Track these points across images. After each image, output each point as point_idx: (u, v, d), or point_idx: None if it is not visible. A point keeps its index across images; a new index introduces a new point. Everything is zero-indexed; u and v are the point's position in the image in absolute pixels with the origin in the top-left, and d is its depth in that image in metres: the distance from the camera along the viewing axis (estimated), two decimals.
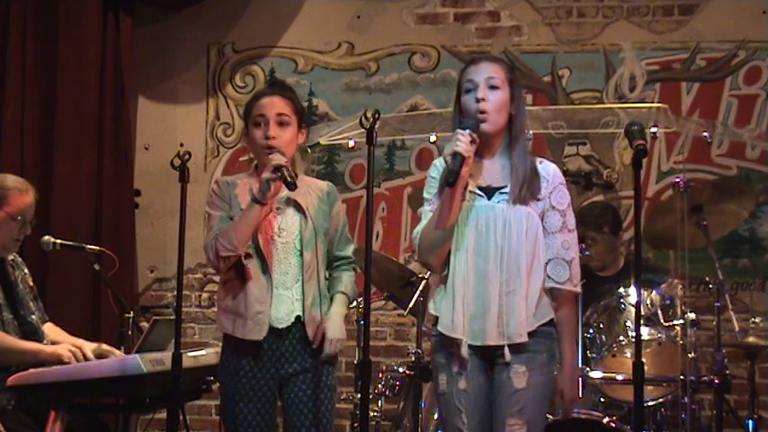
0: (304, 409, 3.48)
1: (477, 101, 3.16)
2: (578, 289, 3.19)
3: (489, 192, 3.18)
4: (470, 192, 3.18)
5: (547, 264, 3.15)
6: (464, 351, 3.14)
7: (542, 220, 3.16)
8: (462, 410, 3.14)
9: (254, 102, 3.58)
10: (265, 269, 3.46)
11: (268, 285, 3.45)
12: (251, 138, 3.56)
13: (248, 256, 3.45)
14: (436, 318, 3.21)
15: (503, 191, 3.16)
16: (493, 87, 3.18)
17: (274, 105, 3.53)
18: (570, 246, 3.16)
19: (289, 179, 3.39)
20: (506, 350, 3.11)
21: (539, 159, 3.23)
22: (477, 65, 3.24)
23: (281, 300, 3.47)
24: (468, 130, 3.11)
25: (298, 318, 3.48)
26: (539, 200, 3.15)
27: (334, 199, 3.69)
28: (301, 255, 3.50)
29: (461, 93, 3.23)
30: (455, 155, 3.07)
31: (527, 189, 3.14)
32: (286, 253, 3.49)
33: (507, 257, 3.11)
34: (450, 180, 3.07)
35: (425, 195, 3.27)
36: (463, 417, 3.14)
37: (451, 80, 5.70)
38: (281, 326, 3.46)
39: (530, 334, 3.12)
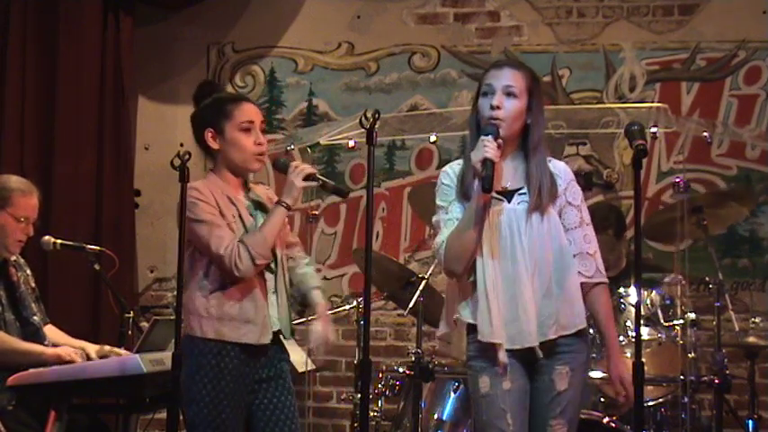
0: (281, 415, 3.48)
1: (492, 108, 3.16)
2: (605, 279, 3.22)
3: (508, 195, 3.19)
4: (491, 197, 3.19)
5: (574, 258, 3.18)
6: (502, 356, 3.13)
7: (562, 217, 3.19)
8: (507, 411, 3.13)
9: (235, 105, 3.52)
10: (267, 272, 3.46)
11: (267, 289, 3.47)
12: (235, 142, 3.48)
13: None
14: (471, 325, 3.20)
15: (521, 192, 3.18)
16: (510, 95, 3.17)
17: (257, 113, 3.55)
18: (592, 239, 3.21)
19: (341, 188, 3.47)
20: (537, 349, 3.12)
21: (548, 158, 3.23)
22: (500, 69, 3.23)
23: (271, 303, 3.48)
24: (490, 136, 3.12)
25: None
26: (556, 198, 3.18)
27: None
28: (275, 256, 3.51)
29: (479, 94, 3.23)
30: (485, 161, 3.08)
31: (547, 196, 3.15)
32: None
33: (535, 258, 3.13)
34: (487, 186, 3.07)
35: (439, 203, 3.26)
36: (508, 418, 3.13)
37: (451, 80, 5.71)
38: (275, 328, 3.47)
39: (577, 332, 3.16)
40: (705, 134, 4.86)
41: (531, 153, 3.19)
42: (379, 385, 4.55)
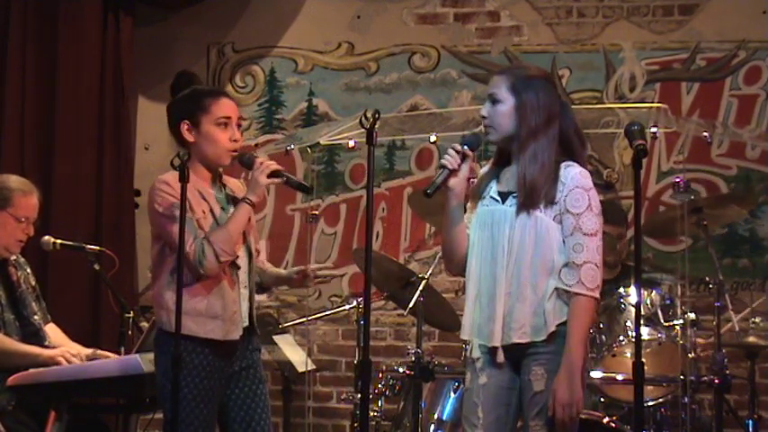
0: (252, 404, 3.50)
1: (482, 118, 3.24)
2: (589, 293, 3.10)
3: (504, 196, 3.21)
4: (491, 197, 3.23)
5: (564, 267, 3.14)
6: (474, 352, 3.19)
7: (561, 224, 3.16)
8: (478, 405, 3.16)
9: (213, 99, 3.53)
10: (234, 269, 3.47)
11: (236, 284, 3.47)
12: (210, 136, 3.49)
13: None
14: None
15: (515, 195, 3.19)
16: (494, 102, 3.21)
17: (234, 109, 3.56)
18: (583, 249, 3.11)
19: (305, 184, 3.49)
20: (500, 351, 3.14)
21: (566, 163, 3.19)
22: (490, 80, 3.30)
23: (243, 297, 3.49)
24: (465, 146, 3.19)
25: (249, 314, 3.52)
26: (553, 204, 3.15)
27: None
28: (249, 251, 3.52)
29: None
30: (442, 167, 3.19)
31: (536, 195, 3.13)
32: (240, 251, 3.50)
33: (513, 262, 3.14)
34: (428, 191, 3.18)
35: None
36: (479, 412, 3.16)
37: (451, 80, 5.71)
38: (245, 324, 3.48)
39: (549, 335, 3.12)
40: (705, 134, 4.86)
41: (521, 149, 3.18)
42: (379, 385, 4.54)
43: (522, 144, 3.18)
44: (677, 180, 4.49)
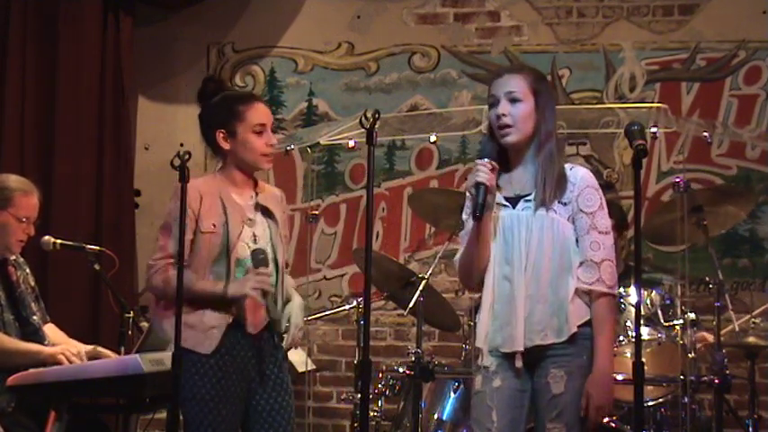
0: (279, 418, 3.51)
1: (498, 117, 3.18)
2: (610, 290, 3.13)
3: (514, 201, 3.20)
4: (497, 204, 3.20)
5: (579, 267, 3.15)
6: (485, 361, 3.17)
7: (574, 224, 3.16)
8: (493, 408, 3.15)
9: (247, 106, 3.53)
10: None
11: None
12: (246, 143, 3.49)
13: None
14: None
15: (527, 198, 3.18)
16: (514, 100, 3.18)
17: (268, 113, 3.59)
18: (600, 247, 3.13)
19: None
20: (518, 356, 3.13)
21: (570, 165, 3.23)
22: (500, 78, 3.24)
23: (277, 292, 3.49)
24: (486, 159, 3.14)
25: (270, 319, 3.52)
26: (565, 204, 3.16)
27: (285, 205, 3.72)
28: (274, 259, 3.51)
29: (490, 108, 3.24)
30: (478, 186, 3.10)
31: (551, 193, 3.14)
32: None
33: (531, 264, 3.13)
34: (478, 213, 3.10)
35: (463, 217, 3.29)
36: (493, 415, 3.15)
37: (451, 80, 5.71)
38: (276, 317, 3.50)
39: (570, 336, 3.12)
40: (705, 134, 4.86)
41: (539, 150, 3.19)
42: (379, 385, 4.55)
43: (542, 145, 3.18)
44: (677, 180, 4.49)
